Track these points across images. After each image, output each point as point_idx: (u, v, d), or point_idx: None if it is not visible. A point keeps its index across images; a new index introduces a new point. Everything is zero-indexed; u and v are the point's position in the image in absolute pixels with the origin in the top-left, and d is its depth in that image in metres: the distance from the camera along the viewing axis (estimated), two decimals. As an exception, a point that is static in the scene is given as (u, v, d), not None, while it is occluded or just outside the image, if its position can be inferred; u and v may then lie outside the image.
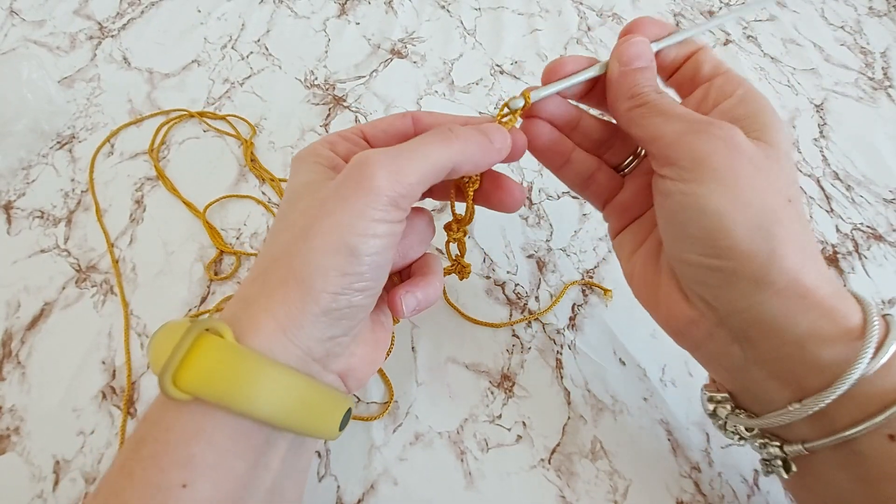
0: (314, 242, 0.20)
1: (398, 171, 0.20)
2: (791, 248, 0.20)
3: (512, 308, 0.35)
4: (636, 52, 0.24)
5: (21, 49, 0.48)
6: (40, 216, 0.38)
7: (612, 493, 0.29)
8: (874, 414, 0.20)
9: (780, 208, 0.20)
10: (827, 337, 0.20)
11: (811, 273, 0.20)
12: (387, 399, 0.31)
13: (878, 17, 0.58)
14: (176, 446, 0.18)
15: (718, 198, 0.20)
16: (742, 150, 0.21)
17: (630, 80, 0.23)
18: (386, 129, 0.26)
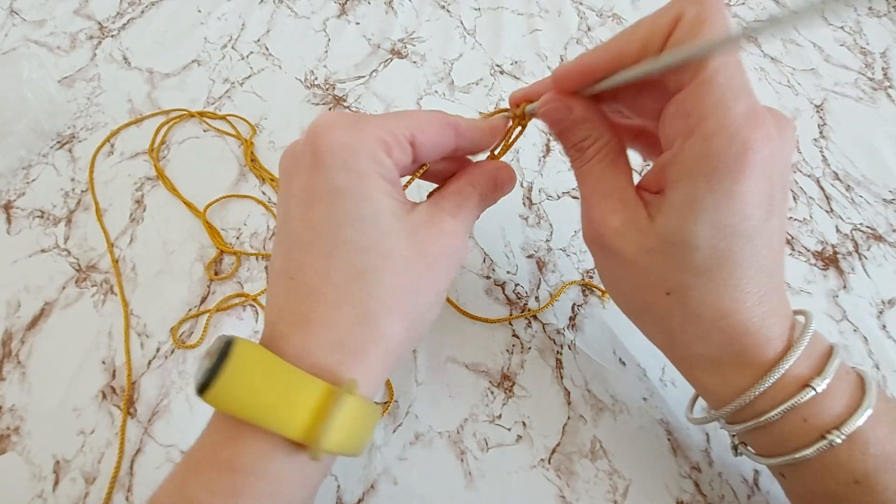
0: (422, 301, 0.22)
1: (468, 235, 0.24)
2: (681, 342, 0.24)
3: (512, 308, 0.35)
4: (552, 118, 0.24)
5: (21, 49, 0.48)
6: (40, 216, 0.38)
7: (611, 493, 0.29)
8: (799, 448, 0.21)
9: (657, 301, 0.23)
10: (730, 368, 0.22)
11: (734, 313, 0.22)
12: (387, 399, 0.31)
13: (878, 17, 0.58)
14: (280, 495, 0.19)
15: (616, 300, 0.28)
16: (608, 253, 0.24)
17: (562, 140, 0.25)
18: (435, 141, 0.23)
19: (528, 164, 0.43)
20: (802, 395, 0.20)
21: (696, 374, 0.24)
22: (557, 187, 0.41)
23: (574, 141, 0.24)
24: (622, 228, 0.22)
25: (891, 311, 0.36)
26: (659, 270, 0.22)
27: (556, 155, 0.44)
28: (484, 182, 0.25)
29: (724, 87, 0.18)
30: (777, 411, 0.21)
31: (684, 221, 0.20)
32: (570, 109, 0.23)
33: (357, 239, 0.20)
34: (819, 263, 0.38)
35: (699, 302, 0.21)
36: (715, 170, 0.19)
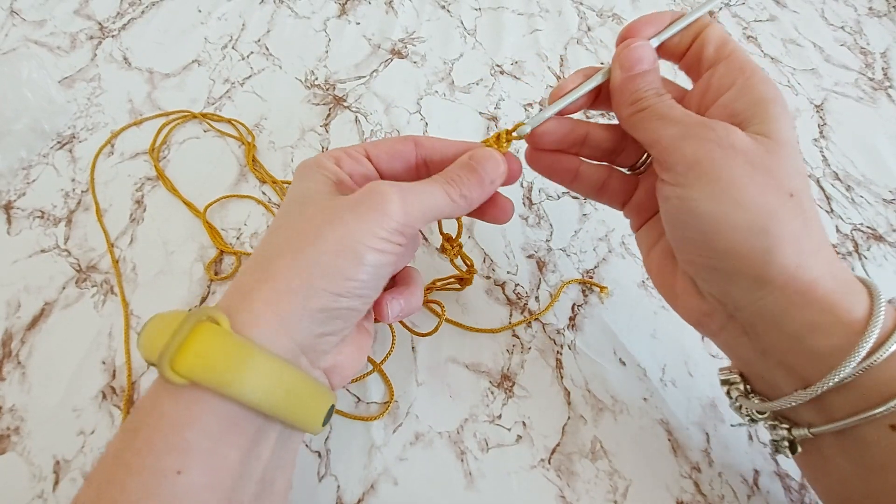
0: (325, 246, 0.21)
1: (407, 205, 0.22)
2: (789, 246, 0.20)
3: (512, 308, 0.35)
4: (637, 56, 0.24)
5: (21, 49, 0.48)
6: (40, 216, 0.38)
7: (612, 493, 0.29)
8: (876, 404, 0.20)
9: (778, 206, 0.21)
10: (825, 330, 0.21)
11: (813, 268, 0.21)
12: (387, 399, 0.31)
13: (878, 17, 0.58)
14: (171, 432, 0.19)
15: (710, 201, 0.21)
16: (737, 151, 0.21)
17: (632, 85, 0.24)
18: (389, 150, 0.26)
19: (529, 164, 0.43)
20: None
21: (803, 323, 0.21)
22: (557, 187, 0.41)
23: (647, 87, 0.24)
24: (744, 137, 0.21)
25: (891, 311, 0.36)
26: (784, 169, 0.21)
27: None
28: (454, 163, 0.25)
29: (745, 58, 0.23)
30: (884, 351, 0.20)
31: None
32: (646, 58, 0.24)
33: (284, 211, 0.24)
34: (819, 263, 0.38)
35: (814, 210, 0.22)
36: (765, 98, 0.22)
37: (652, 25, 0.25)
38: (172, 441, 0.18)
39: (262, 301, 0.20)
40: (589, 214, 0.40)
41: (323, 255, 0.21)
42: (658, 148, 0.22)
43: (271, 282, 0.21)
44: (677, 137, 0.22)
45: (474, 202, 0.24)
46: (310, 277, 0.21)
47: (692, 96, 0.25)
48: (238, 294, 0.21)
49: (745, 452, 0.30)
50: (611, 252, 0.38)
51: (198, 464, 0.18)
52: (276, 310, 0.20)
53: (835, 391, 0.21)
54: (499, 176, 0.25)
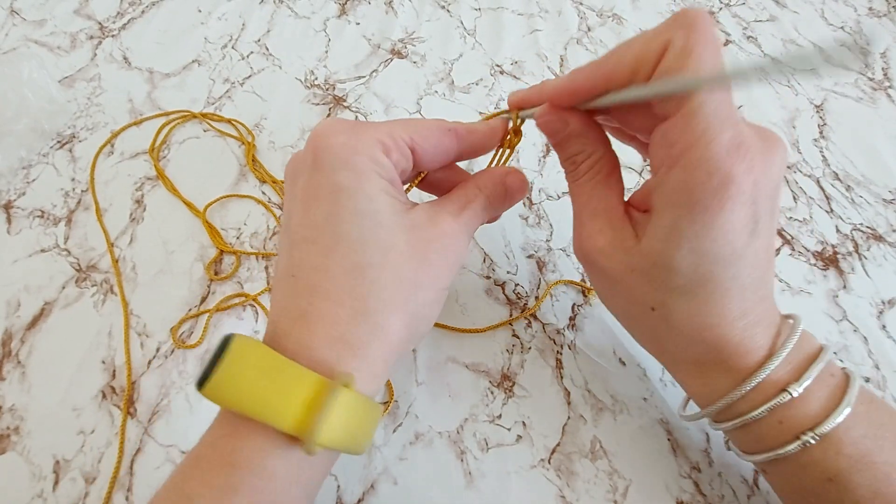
0: (426, 298, 0.22)
1: (469, 238, 0.24)
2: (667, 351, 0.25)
3: (512, 308, 0.35)
4: (549, 129, 0.24)
5: (21, 49, 0.48)
6: (40, 216, 0.38)
7: (611, 493, 0.29)
8: (782, 444, 0.22)
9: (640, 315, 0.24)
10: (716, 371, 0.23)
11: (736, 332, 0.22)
12: (387, 399, 0.31)
13: (878, 17, 0.58)
14: (279, 493, 0.19)
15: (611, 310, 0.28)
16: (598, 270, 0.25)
17: (558, 152, 0.26)
18: (435, 145, 0.24)
19: (529, 164, 0.43)
20: (779, 398, 0.21)
21: (683, 378, 0.25)
22: (557, 187, 0.41)
23: (568, 154, 0.25)
24: (608, 248, 0.23)
25: (891, 311, 0.36)
26: (643, 288, 0.22)
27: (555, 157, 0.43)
28: (490, 186, 0.25)
29: (709, 118, 0.18)
30: (754, 413, 0.22)
31: (667, 247, 0.21)
32: (566, 123, 0.24)
33: (356, 234, 0.21)
34: (819, 263, 0.38)
35: (681, 318, 0.22)
36: (696, 202, 0.19)
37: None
38: (280, 501, 0.19)
39: (380, 359, 0.21)
40: (589, 214, 0.40)
41: (424, 307, 0.22)
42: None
43: (385, 340, 0.21)
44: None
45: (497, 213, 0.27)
46: (415, 329, 0.22)
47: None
48: (350, 349, 0.20)
49: (745, 452, 0.30)
50: (611, 252, 0.38)
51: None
52: (390, 363, 0.21)
53: (741, 428, 0.23)
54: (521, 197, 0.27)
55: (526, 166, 0.43)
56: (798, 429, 0.21)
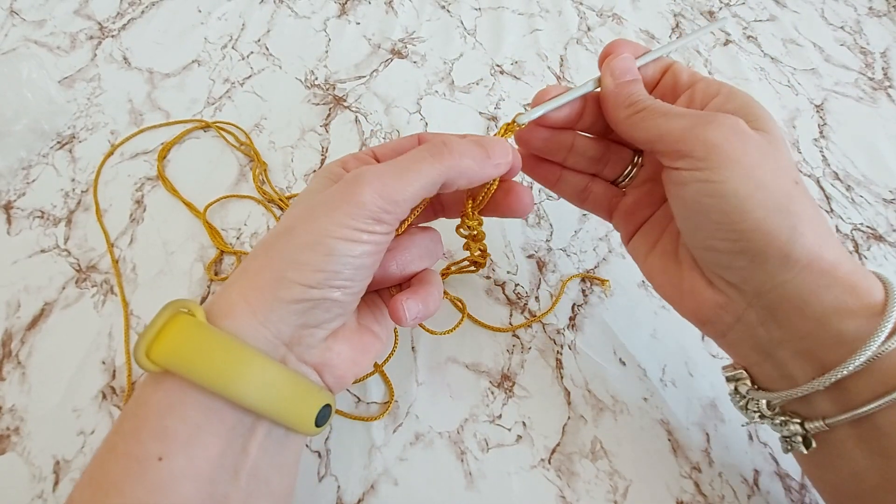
0: (295, 239, 0.21)
1: (385, 189, 0.21)
2: (809, 226, 0.21)
3: (512, 308, 0.35)
4: (626, 66, 0.26)
5: (21, 49, 0.48)
6: (40, 216, 0.38)
7: (612, 493, 0.29)
8: (893, 389, 0.20)
9: (792, 188, 0.22)
10: (850, 311, 0.21)
11: (831, 250, 0.21)
12: (387, 399, 0.31)
13: (878, 17, 0.58)
14: (152, 420, 0.19)
15: (736, 182, 0.21)
16: (750, 137, 0.22)
17: (625, 90, 0.25)
18: (395, 148, 0.26)
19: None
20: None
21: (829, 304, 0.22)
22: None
23: (638, 93, 0.25)
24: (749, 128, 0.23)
25: None
26: (786, 159, 0.22)
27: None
28: (458, 140, 0.23)
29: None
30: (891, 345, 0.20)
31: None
32: (632, 69, 0.26)
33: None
34: (819, 263, 0.38)
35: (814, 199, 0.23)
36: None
37: (630, 47, 0.27)
38: (153, 428, 0.19)
39: (237, 294, 0.21)
40: (589, 214, 0.40)
41: (293, 250, 0.21)
42: (667, 140, 0.23)
43: (246, 278, 0.21)
44: (690, 126, 0.22)
45: (472, 175, 0.23)
46: (280, 270, 0.21)
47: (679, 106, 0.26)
48: (220, 290, 0.22)
49: (746, 452, 0.30)
50: (611, 252, 0.38)
51: (178, 451, 0.19)
52: (249, 300, 0.21)
53: (853, 377, 0.21)
54: (504, 157, 0.24)
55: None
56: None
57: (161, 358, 0.19)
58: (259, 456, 0.21)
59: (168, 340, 0.20)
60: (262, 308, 0.21)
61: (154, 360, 0.19)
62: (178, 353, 0.20)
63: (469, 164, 0.23)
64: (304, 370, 0.23)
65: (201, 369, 0.19)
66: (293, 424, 0.22)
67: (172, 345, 0.20)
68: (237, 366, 0.20)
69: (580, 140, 0.29)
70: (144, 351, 0.20)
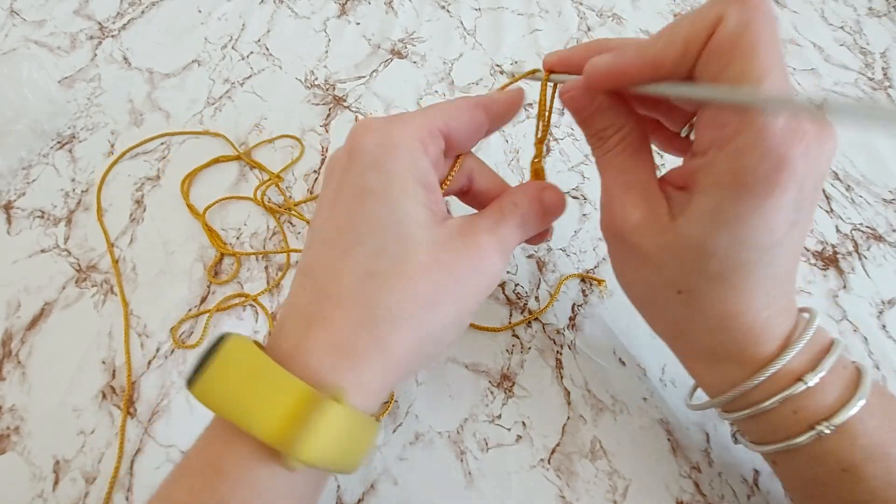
0: (442, 318, 0.20)
1: (506, 258, 0.23)
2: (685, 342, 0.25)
3: (512, 308, 0.35)
4: (572, 107, 0.23)
5: (21, 49, 0.48)
6: (40, 216, 0.38)
7: (611, 493, 0.29)
8: (795, 434, 0.22)
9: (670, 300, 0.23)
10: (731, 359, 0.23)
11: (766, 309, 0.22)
12: (387, 399, 0.31)
13: (878, 17, 0.58)
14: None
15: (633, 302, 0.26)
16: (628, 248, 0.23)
17: (583, 128, 0.24)
18: (468, 125, 0.23)
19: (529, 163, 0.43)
20: (794, 388, 0.21)
21: (696, 366, 0.25)
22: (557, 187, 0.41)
23: (596, 129, 0.23)
24: (641, 224, 0.22)
25: (891, 311, 0.36)
26: (673, 270, 0.21)
27: (557, 154, 0.44)
28: (527, 202, 0.24)
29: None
30: (769, 403, 0.22)
31: (705, 229, 0.20)
32: (593, 99, 0.22)
33: (376, 240, 0.20)
34: (819, 263, 0.38)
35: (708, 303, 0.21)
36: (745, 186, 0.18)
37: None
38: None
39: (377, 373, 0.19)
40: (589, 214, 0.40)
41: (437, 327, 0.20)
42: None
43: (387, 354, 0.19)
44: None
45: (537, 227, 0.25)
46: (423, 349, 0.20)
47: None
48: (347, 358, 0.19)
49: (746, 452, 0.30)
50: (611, 252, 0.38)
51: None
52: (388, 379, 0.20)
53: (747, 420, 0.23)
54: (552, 202, 0.25)
55: (526, 166, 0.43)
56: (813, 419, 0.21)
57: (314, 458, 0.17)
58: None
59: (324, 438, 0.17)
60: (394, 382, 0.20)
61: (305, 459, 0.17)
62: (334, 450, 0.18)
63: (535, 233, 0.25)
64: None
65: (349, 461, 0.19)
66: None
67: (328, 442, 0.17)
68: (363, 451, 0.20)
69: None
70: (293, 449, 0.17)
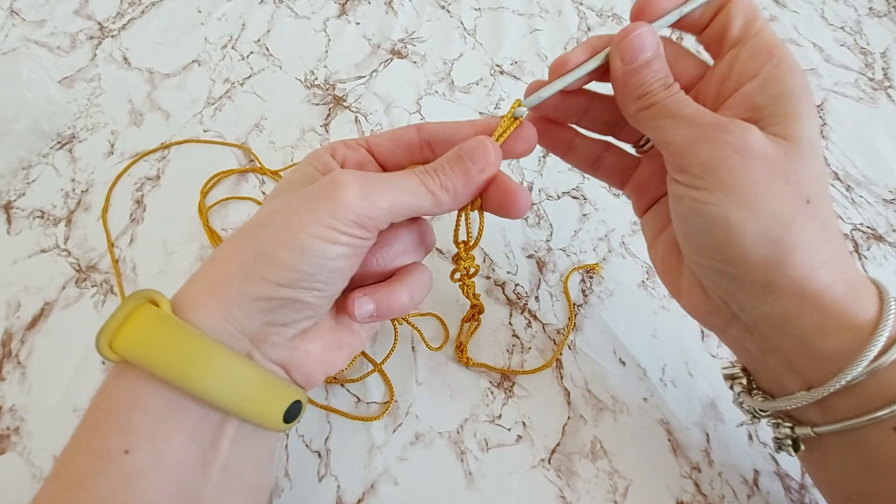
0: (267, 233, 0.21)
1: (369, 194, 0.20)
2: (801, 255, 0.20)
3: (512, 308, 0.35)
4: (638, 44, 0.21)
5: (21, 49, 0.48)
6: (40, 216, 0.38)
7: (612, 493, 0.29)
8: (880, 406, 0.20)
9: (794, 214, 0.20)
10: (832, 333, 0.20)
11: (823, 276, 0.20)
12: (387, 399, 0.31)
13: (878, 17, 0.58)
14: (115, 413, 0.19)
15: (728, 208, 0.20)
16: (755, 156, 0.20)
17: (635, 78, 0.22)
18: (390, 137, 0.25)
19: (528, 164, 0.43)
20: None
21: (802, 354, 0.22)
22: (557, 187, 0.41)
23: (641, 90, 0.22)
24: (763, 140, 0.20)
25: None
26: (803, 174, 0.20)
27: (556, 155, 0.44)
28: (446, 156, 0.23)
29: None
30: (882, 361, 0.20)
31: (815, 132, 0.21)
32: (648, 46, 0.22)
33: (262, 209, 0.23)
34: (819, 263, 0.38)
35: (831, 215, 0.21)
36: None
37: (663, 3, 0.23)
38: (117, 422, 0.19)
39: (202, 286, 0.21)
40: (589, 214, 0.40)
41: (265, 244, 0.20)
42: (671, 149, 0.21)
43: (212, 269, 0.21)
44: (693, 140, 0.21)
45: (460, 195, 0.22)
46: (248, 264, 0.20)
47: (711, 79, 0.23)
48: (188, 281, 0.22)
49: (746, 452, 0.30)
50: (611, 252, 0.38)
51: (143, 444, 0.19)
52: (214, 293, 0.20)
53: (839, 392, 0.21)
54: (489, 164, 0.22)
55: (526, 167, 0.43)
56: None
57: (123, 348, 0.19)
58: (230, 451, 0.21)
59: (132, 331, 0.19)
60: (226, 302, 0.20)
61: (116, 350, 0.19)
62: (140, 344, 0.19)
63: (458, 182, 0.22)
64: (271, 367, 0.22)
65: (163, 362, 0.19)
66: (260, 421, 0.21)
67: (136, 336, 0.19)
68: (199, 359, 0.19)
69: (596, 103, 0.26)
70: (107, 341, 0.19)
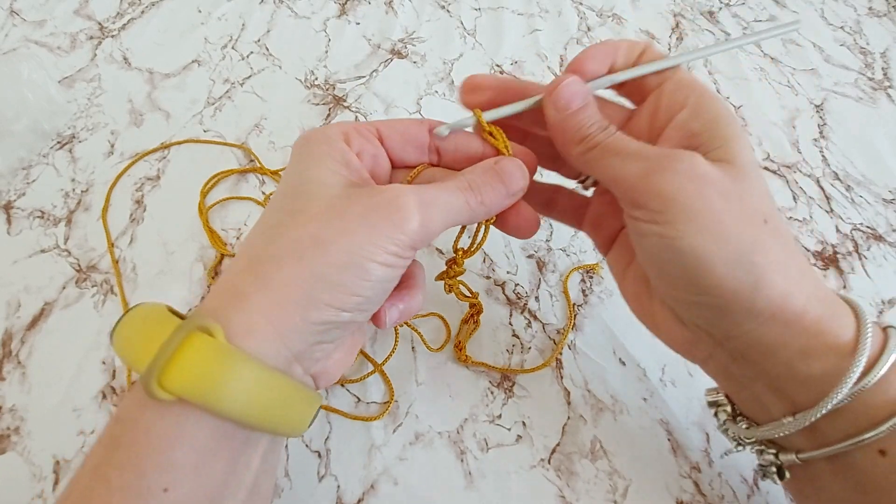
0: (331, 257, 0.19)
1: (427, 218, 0.20)
2: (776, 275, 0.20)
3: (512, 308, 0.35)
4: (571, 92, 0.22)
5: (21, 49, 0.48)
6: (40, 216, 0.38)
7: (611, 493, 0.29)
8: (865, 429, 0.20)
9: (758, 233, 0.20)
10: (816, 355, 0.20)
11: (799, 296, 0.20)
12: (387, 399, 0.31)
13: (878, 17, 0.58)
14: (157, 450, 0.18)
15: (693, 238, 0.19)
16: (707, 181, 0.20)
17: (573, 123, 0.23)
18: (403, 133, 0.24)
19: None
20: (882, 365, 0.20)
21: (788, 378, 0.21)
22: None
23: (578, 135, 0.23)
24: (709, 165, 0.21)
25: (891, 311, 0.36)
26: (752, 195, 0.20)
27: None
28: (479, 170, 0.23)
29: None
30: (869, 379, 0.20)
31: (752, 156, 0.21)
32: (579, 95, 0.23)
33: (284, 202, 0.22)
34: (819, 263, 0.38)
35: (788, 231, 0.21)
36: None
37: (595, 60, 0.23)
38: (158, 460, 0.18)
39: (260, 312, 0.19)
40: (589, 214, 0.40)
41: (328, 268, 0.19)
42: (622, 185, 0.21)
43: (270, 291, 0.19)
44: (641, 173, 0.20)
45: (492, 212, 0.23)
46: (312, 290, 0.19)
47: (641, 117, 0.24)
48: (231, 298, 0.20)
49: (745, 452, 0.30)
50: (611, 252, 0.38)
51: (185, 480, 0.18)
52: (274, 322, 0.19)
53: (825, 416, 0.20)
54: (521, 189, 0.23)
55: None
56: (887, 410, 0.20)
57: (180, 388, 0.17)
58: (259, 466, 0.21)
59: (189, 367, 0.17)
60: (286, 328, 0.19)
61: (170, 389, 0.17)
62: (200, 381, 0.17)
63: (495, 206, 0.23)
64: (307, 380, 0.22)
65: (224, 398, 0.18)
66: (292, 433, 0.21)
67: (195, 373, 0.17)
68: (260, 391, 0.18)
69: (532, 138, 0.26)
70: (157, 379, 0.17)
